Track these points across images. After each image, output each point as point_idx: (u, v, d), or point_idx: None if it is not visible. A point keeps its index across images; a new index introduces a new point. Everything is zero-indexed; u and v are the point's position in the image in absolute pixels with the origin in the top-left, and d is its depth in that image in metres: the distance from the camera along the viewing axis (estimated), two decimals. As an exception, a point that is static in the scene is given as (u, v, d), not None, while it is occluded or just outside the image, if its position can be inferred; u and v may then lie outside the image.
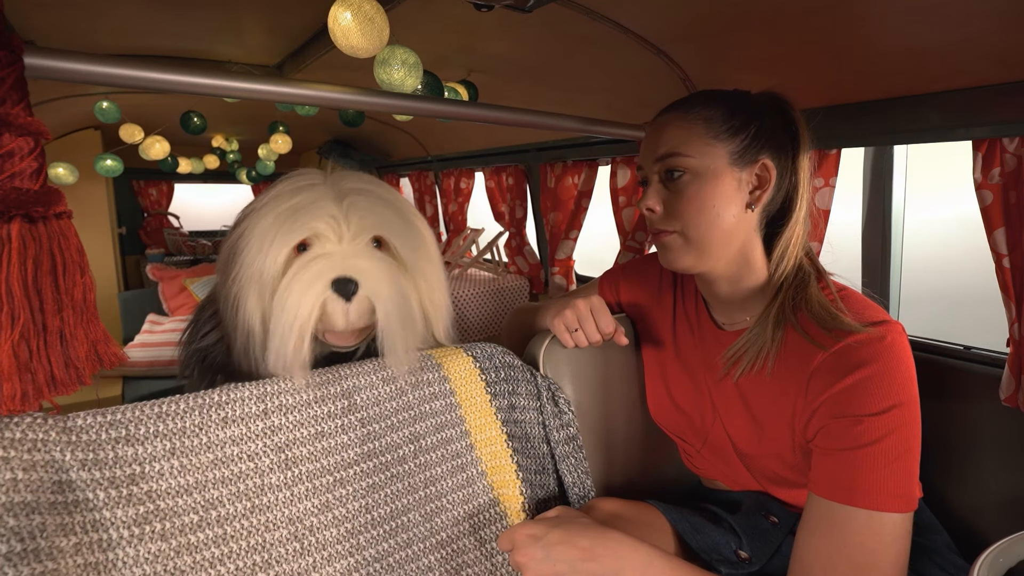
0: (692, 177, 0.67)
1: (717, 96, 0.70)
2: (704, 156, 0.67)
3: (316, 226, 0.61)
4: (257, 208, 0.63)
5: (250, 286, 0.61)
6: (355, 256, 0.61)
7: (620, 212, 1.63)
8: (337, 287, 0.60)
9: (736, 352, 0.70)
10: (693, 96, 0.72)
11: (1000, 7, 0.65)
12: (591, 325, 0.78)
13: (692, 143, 0.67)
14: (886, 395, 0.57)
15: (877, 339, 0.58)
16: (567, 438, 0.80)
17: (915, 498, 0.56)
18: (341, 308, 0.61)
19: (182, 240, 3.70)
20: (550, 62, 1.27)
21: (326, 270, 0.60)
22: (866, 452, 0.56)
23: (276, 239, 0.60)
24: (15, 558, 0.44)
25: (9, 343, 0.44)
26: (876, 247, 1.06)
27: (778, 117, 0.69)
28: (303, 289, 0.59)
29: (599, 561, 0.55)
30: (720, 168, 0.66)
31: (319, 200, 0.62)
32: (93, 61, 0.55)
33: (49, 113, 2.00)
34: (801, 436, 0.65)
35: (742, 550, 0.72)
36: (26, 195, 0.45)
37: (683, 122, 0.68)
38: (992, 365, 0.86)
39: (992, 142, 0.79)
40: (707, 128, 0.67)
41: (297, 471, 0.60)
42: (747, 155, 0.67)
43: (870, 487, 0.55)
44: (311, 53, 1.32)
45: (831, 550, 0.56)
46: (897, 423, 0.56)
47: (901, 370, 0.58)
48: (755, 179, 0.68)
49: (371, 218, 0.63)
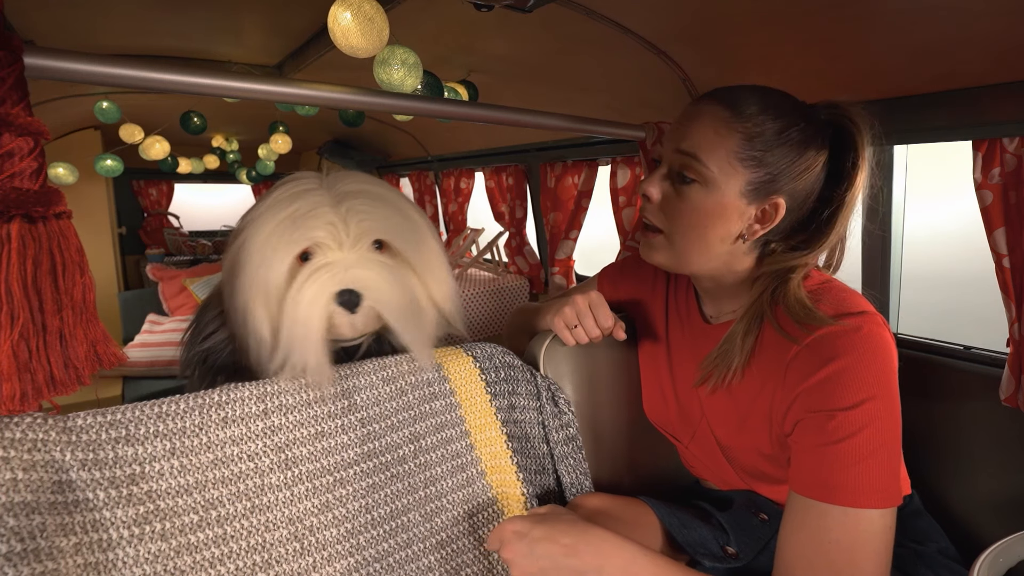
0: (701, 188, 0.64)
1: (770, 107, 0.62)
2: (722, 175, 0.62)
3: (316, 235, 0.61)
4: (255, 218, 0.63)
5: (256, 297, 0.61)
6: (356, 265, 0.61)
7: (620, 212, 1.63)
8: (341, 300, 0.60)
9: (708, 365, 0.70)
10: (748, 94, 0.63)
11: (1000, 7, 0.65)
12: (590, 321, 0.78)
13: (717, 156, 0.62)
14: (859, 388, 0.56)
15: (852, 330, 0.57)
16: (567, 438, 0.80)
17: (896, 493, 0.55)
18: (347, 320, 0.62)
19: (182, 240, 3.70)
20: (550, 62, 1.27)
21: (329, 283, 0.60)
22: (840, 448, 0.55)
23: (278, 250, 0.60)
24: (15, 558, 0.44)
25: (9, 343, 0.44)
26: (876, 247, 1.06)
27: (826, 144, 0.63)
28: (309, 303, 0.59)
29: (581, 558, 0.55)
30: (729, 194, 0.62)
31: (317, 207, 0.61)
32: (93, 61, 0.55)
33: (49, 113, 2.00)
34: (779, 428, 0.64)
35: (729, 546, 0.73)
36: (26, 195, 0.45)
37: (723, 126, 0.62)
38: (992, 365, 0.86)
39: (992, 142, 0.79)
40: (741, 147, 0.61)
41: (297, 471, 0.60)
42: (763, 190, 0.62)
43: (845, 483, 0.55)
44: (311, 53, 1.32)
45: (809, 548, 0.56)
46: (871, 417, 0.55)
47: (876, 362, 0.56)
48: (759, 214, 0.64)
49: (369, 221, 0.63)
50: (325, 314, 0.60)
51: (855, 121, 0.63)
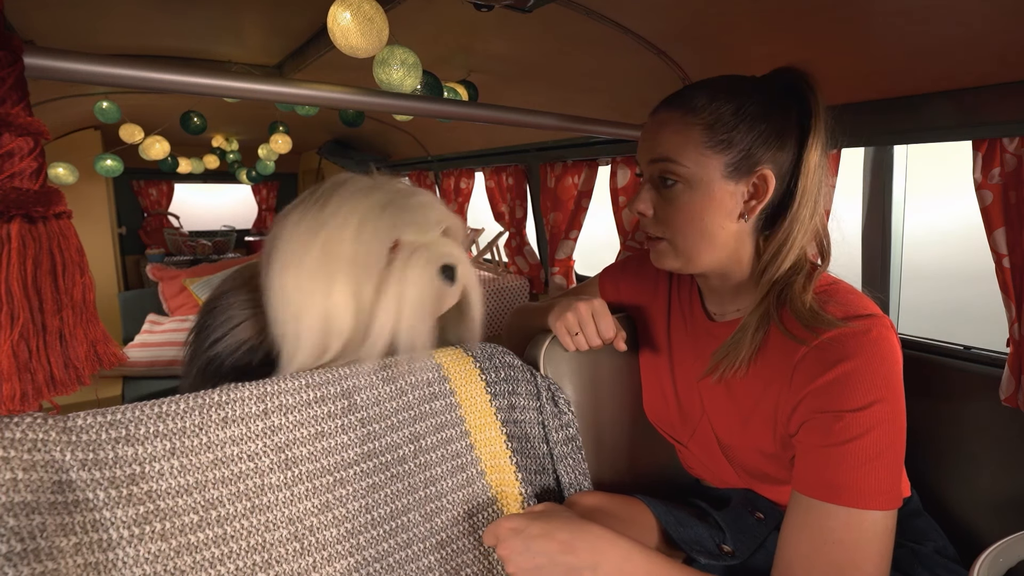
0: (685, 186, 0.65)
1: (719, 93, 0.64)
2: (699, 167, 0.63)
3: (409, 217, 0.68)
4: (334, 211, 0.65)
5: (345, 288, 0.64)
6: (443, 245, 0.70)
7: (620, 212, 1.63)
8: (445, 273, 0.69)
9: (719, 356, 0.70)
10: (695, 91, 0.66)
11: (1000, 7, 0.65)
12: (591, 329, 0.78)
13: (687, 152, 0.64)
14: (868, 391, 0.56)
15: (862, 332, 0.58)
16: (566, 438, 0.80)
17: (898, 495, 0.56)
18: (450, 291, 0.70)
19: (182, 240, 3.70)
20: (550, 62, 1.27)
21: (433, 259, 0.68)
22: (846, 449, 0.56)
23: (377, 236, 0.65)
24: (15, 558, 0.44)
25: (9, 343, 0.44)
26: (876, 247, 1.06)
27: (791, 108, 0.64)
28: (417, 279, 0.66)
29: (577, 554, 0.55)
30: (714, 180, 0.63)
31: (392, 201, 0.68)
32: (93, 61, 0.55)
33: (49, 113, 2.00)
34: (783, 429, 0.64)
35: (725, 544, 0.73)
36: (26, 195, 0.45)
37: (681, 125, 0.64)
38: (992, 365, 0.86)
39: (992, 142, 0.79)
40: (705, 136, 0.63)
41: (297, 471, 0.60)
42: (744, 166, 0.63)
43: (850, 484, 0.55)
44: (311, 53, 1.32)
45: (811, 548, 0.56)
46: (878, 419, 0.55)
47: (884, 365, 0.57)
48: (752, 188, 0.65)
49: (435, 213, 0.71)
50: (434, 289, 0.68)
51: (808, 82, 0.65)
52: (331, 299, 0.63)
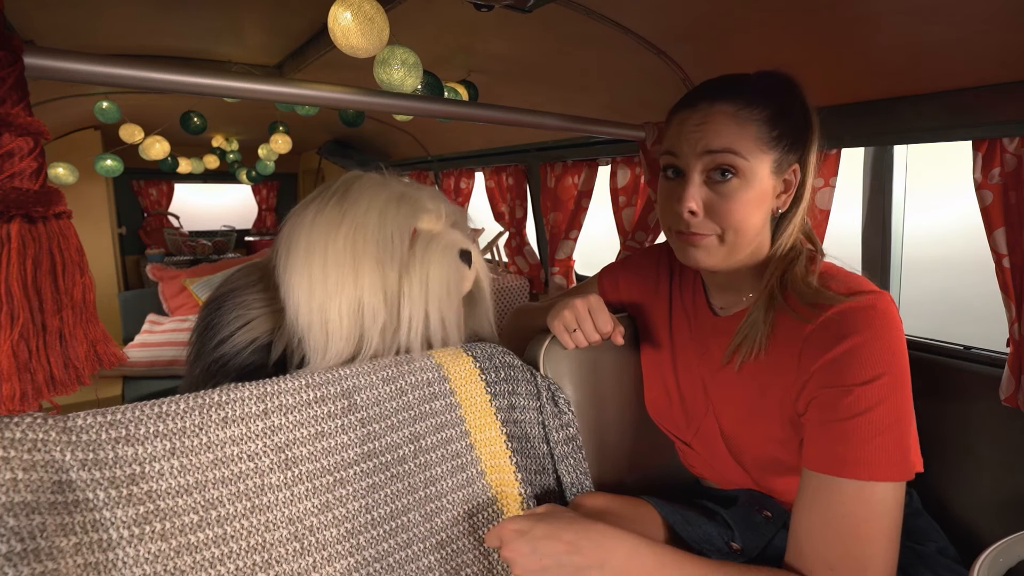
0: (741, 181, 0.64)
1: (770, 89, 0.65)
2: (756, 161, 0.63)
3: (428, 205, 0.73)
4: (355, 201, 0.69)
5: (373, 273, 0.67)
6: (456, 234, 0.76)
7: (620, 212, 1.63)
8: (463, 257, 0.74)
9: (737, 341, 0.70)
10: (748, 84, 0.65)
11: (1000, 7, 0.65)
12: (589, 325, 0.78)
13: (747, 145, 0.63)
14: (876, 364, 0.56)
15: (868, 307, 0.58)
16: (566, 438, 0.80)
17: (910, 467, 0.56)
18: (468, 273, 0.76)
19: (182, 240, 3.70)
20: (550, 62, 1.27)
21: (452, 244, 0.73)
22: (856, 422, 0.56)
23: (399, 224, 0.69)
24: (15, 558, 0.44)
25: (9, 343, 0.44)
26: (876, 247, 1.06)
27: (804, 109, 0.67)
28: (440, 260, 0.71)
29: (583, 554, 0.55)
30: (764, 175, 0.64)
31: (408, 192, 0.73)
32: (93, 61, 0.55)
33: (49, 113, 2.00)
34: (792, 409, 0.65)
35: (734, 542, 0.73)
36: (26, 195, 0.45)
37: (736, 120, 0.63)
38: (992, 365, 0.86)
39: (992, 142, 0.79)
40: (762, 131, 0.63)
41: (297, 471, 0.60)
42: (784, 162, 0.65)
43: (860, 457, 0.55)
44: (311, 53, 1.32)
45: (821, 522, 0.56)
46: (886, 392, 0.56)
47: (891, 339, 0.57)
48: (783, 185, 0.66)
49: (447, 207, 0.77)
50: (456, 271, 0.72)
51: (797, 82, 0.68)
52: (360, 286, 0.65)
